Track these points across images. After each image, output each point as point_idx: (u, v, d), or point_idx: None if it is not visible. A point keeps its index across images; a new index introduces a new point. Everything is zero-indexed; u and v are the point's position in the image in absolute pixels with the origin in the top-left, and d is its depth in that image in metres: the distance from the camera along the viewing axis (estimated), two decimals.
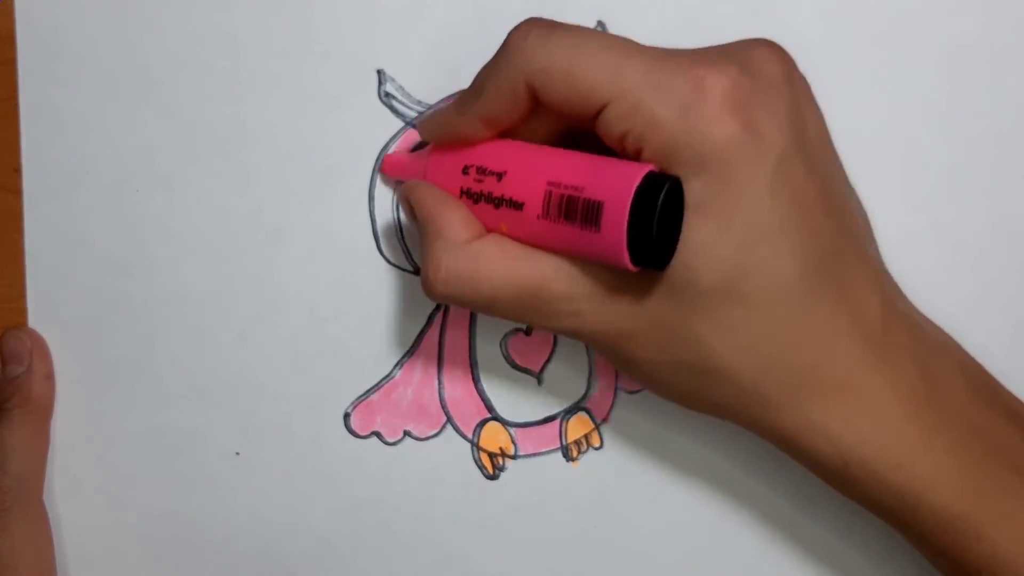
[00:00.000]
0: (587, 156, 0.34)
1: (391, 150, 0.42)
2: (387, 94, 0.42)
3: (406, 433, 0.43)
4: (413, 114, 0.41)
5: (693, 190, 0.33)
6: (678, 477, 0.43)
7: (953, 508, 0.35)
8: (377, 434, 0.43)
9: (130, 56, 0.42)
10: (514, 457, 0.43)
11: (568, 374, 0.43)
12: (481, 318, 0.43)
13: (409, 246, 0.42)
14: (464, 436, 0.43)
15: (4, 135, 0.42)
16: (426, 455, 0.43)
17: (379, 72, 0.41)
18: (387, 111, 0.41)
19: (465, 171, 0.37)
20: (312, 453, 0.43)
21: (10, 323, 0.43)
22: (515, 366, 0.43)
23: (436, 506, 0.43)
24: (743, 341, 0.34)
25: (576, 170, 0.34)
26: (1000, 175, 0.41)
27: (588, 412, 0.43)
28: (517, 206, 0.35)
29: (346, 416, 0.43)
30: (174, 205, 0.42)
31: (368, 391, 0.43)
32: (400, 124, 0.41)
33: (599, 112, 0.33)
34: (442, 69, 0.41)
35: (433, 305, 0.43)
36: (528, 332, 0.43)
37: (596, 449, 0.43)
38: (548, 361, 0.43)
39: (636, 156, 0.34)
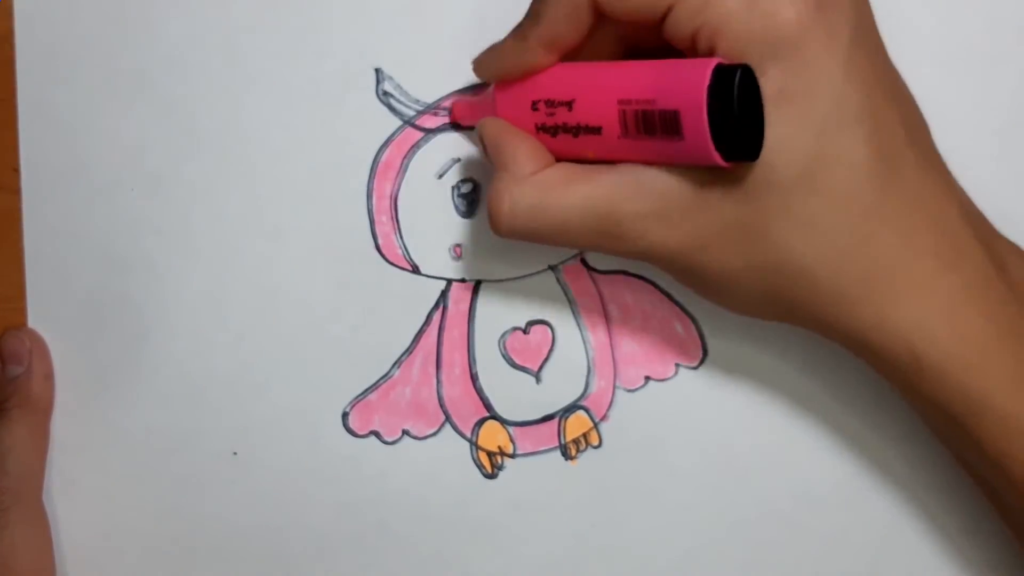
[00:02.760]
0: (650, 63, 0.33)
1: (389, 149, 0.42)
2: (385, 92, 0.42)
3: (404, 432, 0.43)
4: (411, 112, 0.41)
5: (771, 79, 0.32)
6: (676, 476, 0.43)
7: (1023, 416, 0.34)
8: (375, 433, 0.43)
9: (128, 56, 0.42)
10: (512, 456, 0.43)
11: (566, 373, 0.43)
12: (480, 317, 0.43)
13: (407, 243, 0.42)
14: (463, 435, 0.43)
15: (3, 135, 0.42)
16: (424, 454, 0.43)
17: (377, 70, 0.41)
18: (385, 109, 0.42)
19: (534, 107, 0.36)
20: (310, 453, 0.43)
21: (10, 323, 0.43)
22: (514, 365, 0.43)
23: (434, 505, 0.43)
24: (821, 236, 0.33)
25: (643, 82, 0.33)
26: (999, 174, 0.41)
27: (587, 411, 0.43)
28: (595, 131, 0.34)
29: (344, 415, 0.43)
30: (173, 205, 0.42)
31: (366, 390, 0.43)
32: (398, 122, 0.42)
33: (665, 15, 0.33)
34: (440, 68, 0.41)
35: (431, 304, 0.43)
36: (526, 331, 0.43)
37: (595, 448, 0.43)
38: (546, 360, 0.43)
39: (708, 54, 0.33)
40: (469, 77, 0.41)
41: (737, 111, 0.31)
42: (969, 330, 0.34)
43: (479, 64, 0.38)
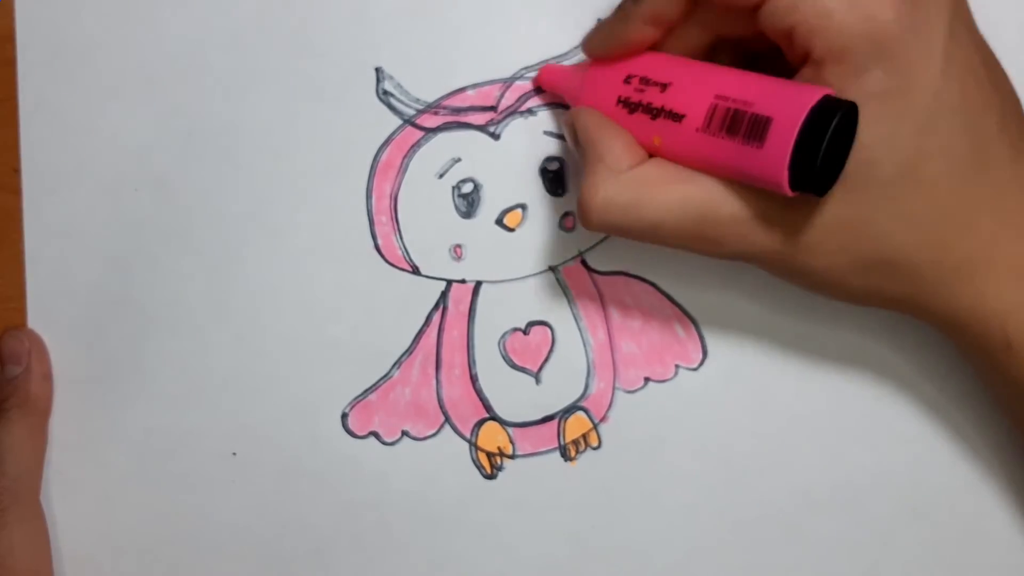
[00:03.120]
0: (759, 75, 0.34)
1: (389, 148, 0.42)
2: (385, 92, 0.42)
3: (404, 433, 0.43)
4: (411, 112, 0.41)
5: (873, 78, 0.32)
6: (676, 477, 0.43)
7: None
8: (375, 434, 0.43)
9: (129, 56, 0.42)
10: (512, 457, 0.43)
11: (566, 374, 0.43)
12: (479, 317, 0.43)
13: (407, 244, 0.42)
14: (462, 436, 0.43)
15: (3, 135, 0.42)
16: (424, 455, 0.43)
17: (377, 70, 0.41)
18: (385, 109, 0.42)
19: (627, 80, 0.36)
20: (310, 453, 0.43)
21: (9, 323, 0.43)
22: (513, 366, 0.43)
23: (434, 506, 0.43)
24: (923, 228, 0.34)
25: (748, 86, 0.33)
26: None
27: (586, 412, 0.43)
28: (676, 117, 0.34)
29: (344, 416, 0.43)
30: (172, 205, 0.42)
31: (366, 391, 0.43)
32: (398, 122, 0.42)
33: (762, 3, 0.33)
34: (440, 67, 0.41)
35: (431, 305, 0.43)
36: (526, 331, 0.43)
37: (594, 449, 0.43)
38: (546, 361, 0.43)
39: (805, 52, 0.33)
40: (469, 77, 0.41)
41: (829, 137, 0.31)
42: None
43: (587, 41, 0.38)
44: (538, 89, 0.42)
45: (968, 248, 0.35)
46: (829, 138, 0.31)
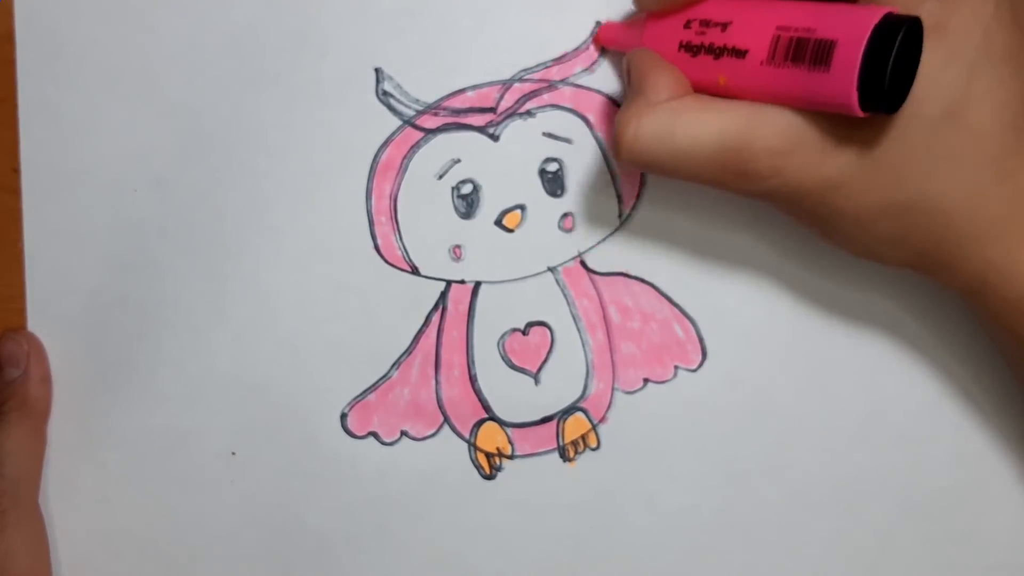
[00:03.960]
0: (819, 2, 0.33)
1: (389, 149, 0.42)
2: (385, 92, 0.42)
3: (403, 433, 0.43)
4: (411, 112, 0.42)
5: (929, 10, 0.32)
6: (675, 478, 0.43)
7: None
8: (374, 434, 0.43)
9: (129, 56, 0.42)
10: (511, 457, 0.43)
11: (565, 374, 0.43)
12: (479, 318, 0.43)
13: (406, 244, 0.42)
14: (461, 436, 0.43)
15: (3, 135, 0.42)
16: (423, 455, 0.43)
17: (377, 70, 0.41)
18: (385, 109, 0.42)
19: (687, 25, 0.36)
20: (309, 453, 0.43)
21: (9, 323, 0.43)
22: (512, 366, 0.43)
23: (433, 506, 0.43)
24: (962, 173, 0.33)
25: (808, 13, 0.33)
26: None
27: (585, 412, 0.43)
28: (740, 54, 0.34)
29: (343, 416, 0.43)
30: (172, 205, 0.42)
31: (365, 391, 0.43)
32: (398, 122, 0.42)
33: None
34: (440, 67, 0.41)
35: (431, 305, 0.43)
36: (526, 332, 0.43)
37: (593, 450, 0.43)
38: (545, 361, 0.43)
39: None
40: (469, 77, 0.41)
41: (895, 54, 0.30)
42: None
43: None
44: (535, 92, 0.41)
45: (1005, 202, 0.34)
46: (895, 55, 0.31)
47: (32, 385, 0.42)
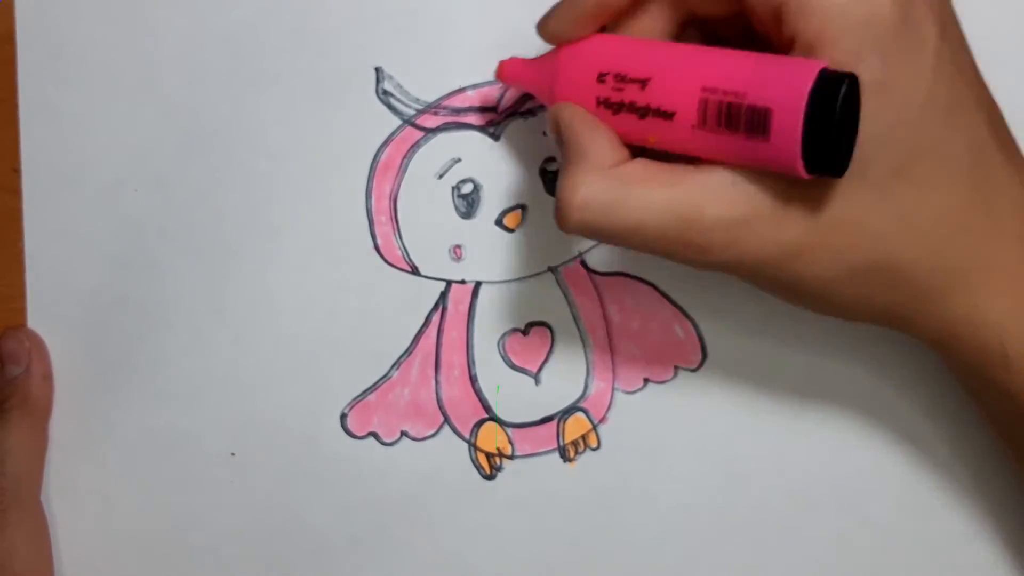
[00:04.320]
0: (744, 54, 0.31)
1: (389, 148, 0.42)
2: (385, 92, 0.42)
3: (403, 433, 0.43)
4: (411, 112, 0.41)
5: (870, 67, 0.30)
6: (675, 478, 0.43)
7: None
8: (374, 434, 0.43)
9: (129, 56, 0.42)
10: (511, 457, 0.43)
11: (566, 374, 0.43)
12: (479, 318, 0.43)
13: (406, 244, 0.42)
14: (461, 436, 0.43)
15: (3, 135, 0.42)
16: (423, 455, 0.43)
17: (377, 70, 0.41)
18: (385, 109, 0.42)
19: (601, 79, 0.33)
20: (309, 454, 0.43)
21: (9, 323, 0.43)
22: (513, 366, 0.43)
23: (433, 506, 0.43)
24: (919, 229, 0.33)
25: (734, 72, 0.30)
26: None
27: (585, 413, 0.43)
28: (666, 116, 0.32)
29: (343, 416, 0.43)
30: (172, 205, 0.42)
31: (365, 391, 0.43)
32: (398, 122, 0.42)
33: None
34: (440, 67, 0.41)
35: (431, 305, 0.43)
36: (526, 332, 0.43)
37: (593, 450, 0.43)
38: (546, 361, 0.43)
39: (792, 35, 0.31)
40: (469, 77, 0.41)
41: (838, 117, 0.29)
42: None
43: (543, 24, 0.35)
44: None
45: (963, 253, 0.34)
46: (838, 118, 0.29)
47: (34, 382, 0.42)
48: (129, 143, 0.42)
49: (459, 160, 0.42)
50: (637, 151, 0.34)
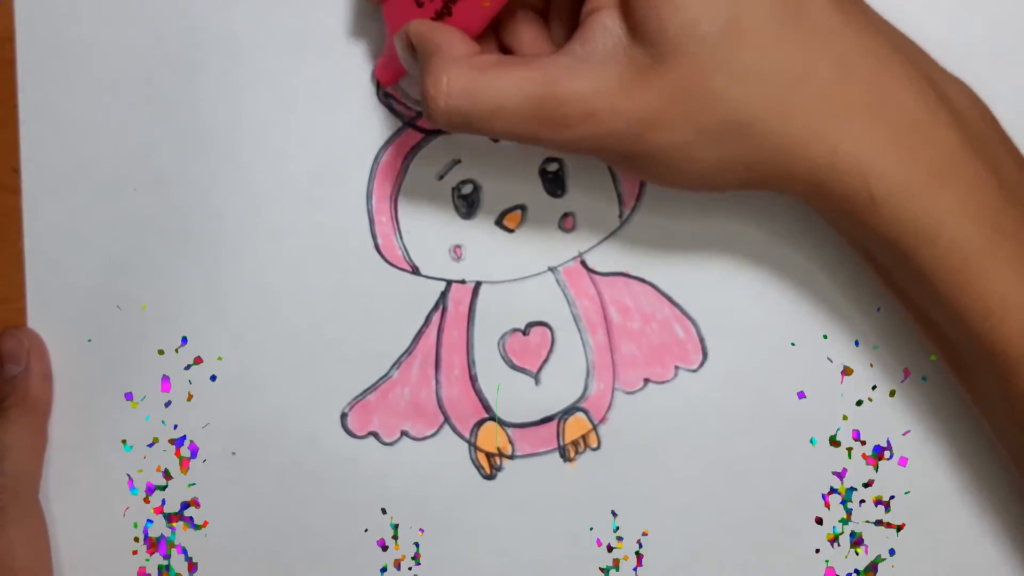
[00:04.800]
0: None
1: (389, 150, 0.42)
2: (385, 94, 0.42)
3: (403, 433, 0.43)
4: (411, 114, 0.41)
5: None
6: (675, 478, 0.43)
7: (973, 242, 0.34)
8: (374, 434, 0.43)
9: (129, 56, 0.42)
10: (511, 457, 0.43)
11: (566, 375, 0.43)
12: (479, 318, 0.43)
13: (407, 244, 0.42)
14: (461, 436, 0.43)
15: (3, 135, 0.42)
16: (423, 455, 0.43)
17: None
18: (385, 111, 0.42)
19: (419, 3, 0.36)
20: (309, 453, 0.43)
21: (9, 323, 0.43)
22: (513, 366, 0.43)
23: (433, 506, 0.43)
24: (759, 83, 0.34)
25: None
26: None
27: (586, 413, 0.43)
28: None
29: (343, 416, 0.43)
30: (172, 205, 0.42)
31: (365, 391, 0.43)
32: (398, 124, 0.42)
33: None
34: None
35: (431, 305, 0.43)
36: (526, 332, 0.43)
37: (593, 450, 0.43)
38: (546, 361, 0.43)
39: None
40: None
41: None
42: (918, 157, 0.34)
43: None
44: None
45: (812, 102, 0.34)
46: None
47: (33, 381, 0.42)
48: (129, 143, 0.42)
49: (459, 161, 0.42)
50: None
